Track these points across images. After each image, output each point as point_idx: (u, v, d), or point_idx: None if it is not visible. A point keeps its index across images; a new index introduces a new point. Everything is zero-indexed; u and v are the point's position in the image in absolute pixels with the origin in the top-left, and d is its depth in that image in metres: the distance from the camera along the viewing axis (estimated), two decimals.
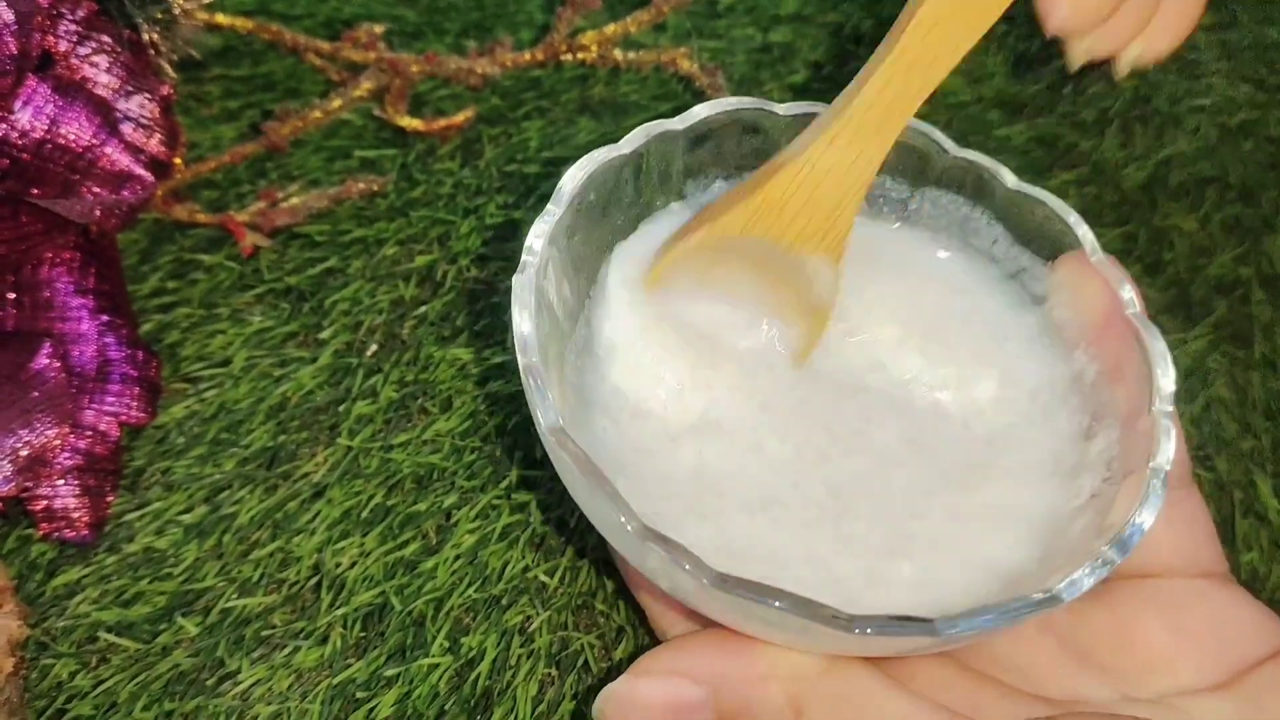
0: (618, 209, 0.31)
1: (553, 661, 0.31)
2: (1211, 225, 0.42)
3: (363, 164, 0.42)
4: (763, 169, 0.31)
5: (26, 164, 0.33)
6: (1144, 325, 0.29)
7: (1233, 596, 0.28)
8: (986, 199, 0.32)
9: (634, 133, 0.30)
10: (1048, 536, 0.28)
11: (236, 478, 0.34)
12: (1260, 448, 0.36)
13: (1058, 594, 0.24)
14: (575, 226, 0.30)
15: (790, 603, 0.23)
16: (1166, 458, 0.26)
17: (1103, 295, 0.30)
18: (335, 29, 0.46)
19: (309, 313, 0.38)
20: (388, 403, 0.36)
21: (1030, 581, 0.26)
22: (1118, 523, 0.26)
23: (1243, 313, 0.40)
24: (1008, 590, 0.27)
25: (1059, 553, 0.27)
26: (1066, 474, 0.29)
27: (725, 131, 0.32)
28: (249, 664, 0.31)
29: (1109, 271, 0.30)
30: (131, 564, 0.33)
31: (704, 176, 0.33)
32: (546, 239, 0.28)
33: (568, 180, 0.29)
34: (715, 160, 0.32)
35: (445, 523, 0.34)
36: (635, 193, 0.31)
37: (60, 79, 0.34)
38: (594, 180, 0.30)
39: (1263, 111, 0.46)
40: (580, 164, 0.30)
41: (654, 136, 0.31)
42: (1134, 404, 0.28)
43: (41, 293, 0.35)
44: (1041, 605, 0.24)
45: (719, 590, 0.23)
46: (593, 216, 0.30)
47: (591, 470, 0.24)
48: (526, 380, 0.26)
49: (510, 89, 0.45)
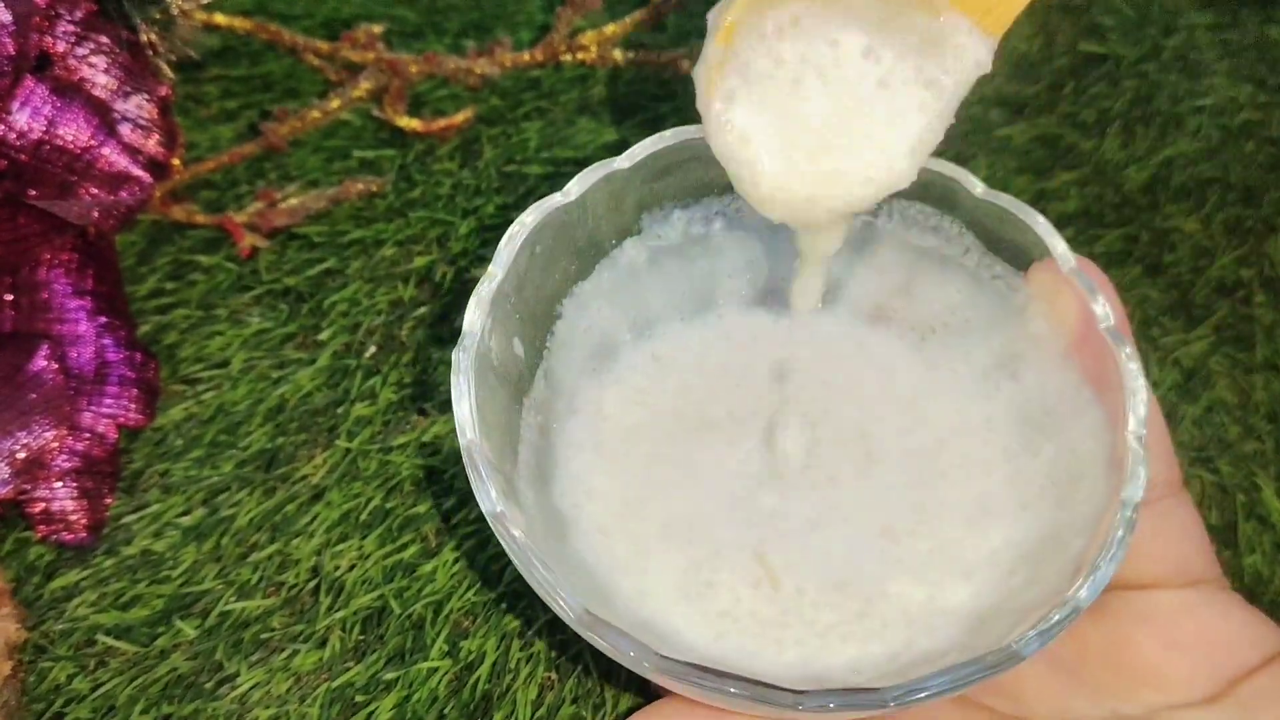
0: (569, 255, 0.30)
1: (552, 665, 0.31)
2: (1213, 226, 0.42)
3: (361, 164, 0.42)
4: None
5: (24, 165, 0.33)
6: (1116, 341, 0.27)
7: (1225, 605, 0.28)
8: (956, 209, 0.31)
9: (579, 177, 0.29)
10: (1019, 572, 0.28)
11: (235, 480, 0.34)
12: (1263, 450, 0.36)
13: (1017, 651, 0.24)
14: (525, 280, 0.29)
15: (736, 685, 0.23)
16: (1138, 489, 0.26)
17: (1076, 308, 0.29)
18: (334, 29, 0.46)
19: (307, 314, 0.38)
20: (386, 404, 0.36)
21: (999, 623, 0.26)
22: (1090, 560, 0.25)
23: (1244, 314, 0.40)
24: (974, 633, 0.26)
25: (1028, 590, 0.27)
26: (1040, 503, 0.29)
27: (676, 162, 0.31)
28: (247, 667, 0.31)
29: (1084, 280, 0.28)
30: (130, 567, 0.33)
31: (659, 209, 0.32)
32: (488, 307, 0.27)
33: (507, 239, 0.28)
34: (671, 192, 0.31)
35: (444, 525, 0.34)
36: (587, 236, 0.31)
37: (58, 80, 0.33)
38: (540, 232, 0.29)
39: (1264, 112, 0.46)
40: (522, 219, 0.29)
41: (600, 179, 0.30)
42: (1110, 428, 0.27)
43: (39, 294, 0.34)
44: (1000, 666, 0.23)
45: (664, 674, 0.23)
46: (543, 266, 0.30)
47: (531, 556, 0.24)
48: (467, 460, 0.26)
49: (509, 89, 0.45)
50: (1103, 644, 0.27)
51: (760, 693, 0.23)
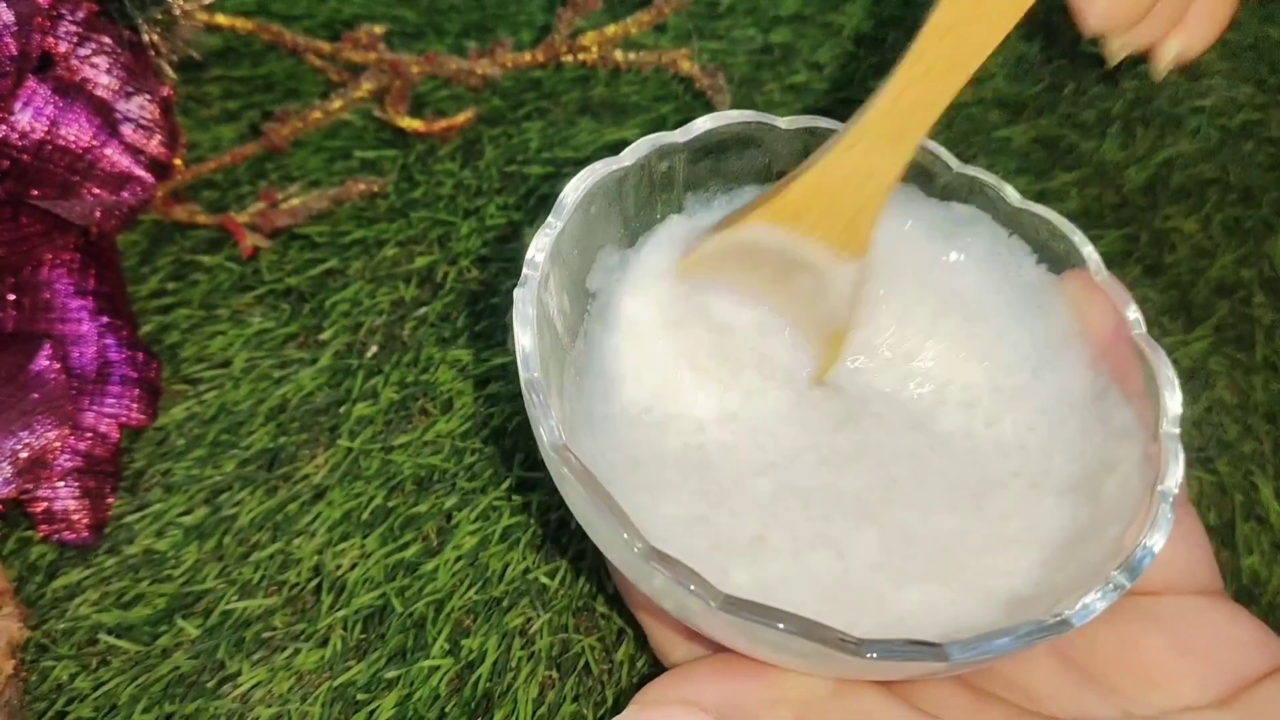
0: (617, 222, 0.31)
1: (553, 664, 0.31)
2: (1212, 227, 0.42)
3: (363, 165, 0.42)
4: (784, 178, 0.30)
5: (26, 165, 0.33)
6: (1150, 346, 0.28)
7: (1232, 613, 0.28)
8: (990, 215, 0.32)
9: (636, 144, 0.30)
10: (1056, 559, 0.28)
11: (237, 479, 0.34)
12: (1261, 451, 0.36)
13: (1068, 619, 0.24)
14: (575, 240, 0.29)
15: (799, 626, 0.23)
16: (1175, 480, 0.26)
17: (1108, 314, 0.30)
18: (335, 30, 0.46)
19: (309, 314, 0.38)
20: (388, 404, 0.36)
21: (1037, 605, 0.26)
22: (1128, 546, 0.26)
23: (1244, 315, 0.40)
24: (1013, 614, 0.27)
25: (1065, 576, 0.27)
26: (1076, 493, 0.29)
27: (727, 145, 0.31)
28: (249, 666, 0.31)
29: (1114, 291, 0.30)
30: (131, 566, 0.33)
31: (704, 190, 0.32)
32: (549, 252, 0.28)
33: (569, 192, 0.29)
34: (715, 173, 0.32)
35: (446, 524, 0.34)
36: (635, 206, 0.31)
37: (60, 80, 0.34)
38: (595, 192, 0.29)
39: (1264, 113, 0.46)
40: (581, 175, 0.29)
41: (656, 149, 0.30)
42: (1142, 425, 0.28)
43: (41, 294, 0.34)
44: (1052, 630, 0.24)
45: (726, 614, 0.23)
46: (592, 230, 0.30)
47: (596, 488, 0.24)
48: (528, 395, 0.26)
49: (511, 90, 0.45)
50: (1115, 646, 0.28)
51: (822, 634, 0.22)
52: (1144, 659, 0.27)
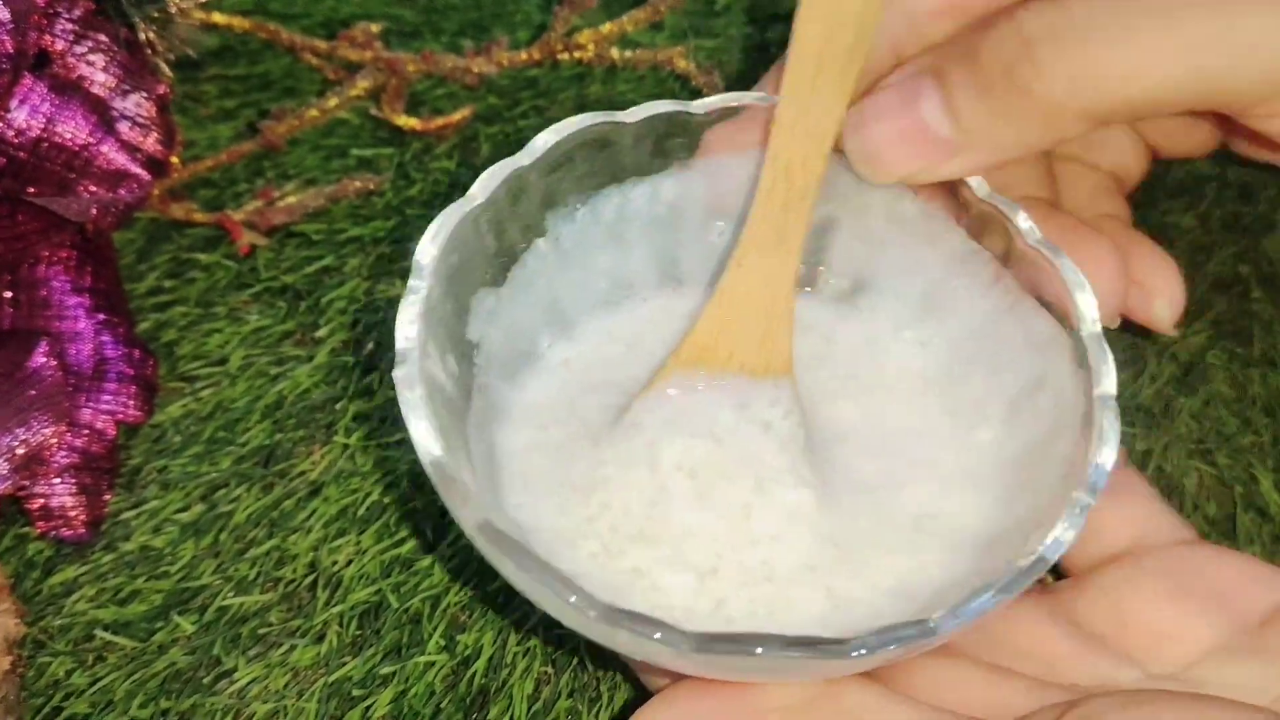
0: (482, 264, 0.29)
1: (549, 659, 0.31)
2: (1211, 223, 0.42)
3: (359, 163, 0.42)
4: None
5: (23, 162, 0.33)
6: (1051, 251, 0.27)
7: (1215, 553, 0.28)
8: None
9: (482, 178, 0.28)
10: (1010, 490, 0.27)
11: (233, 476, 0.34)
12: (1261, 443, 0.36)
13: (1043, 555, 0.23)
14: (444, 297, 0.27)
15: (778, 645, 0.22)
16: (1111, 382, 0.25)
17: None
18: (332, 28, 0.46)
19: (306, 311, 0.38)
20: (384, 401, 0.36)
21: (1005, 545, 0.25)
22: (1081, 460, 0.25)
23: (1242, 310, 0.40)
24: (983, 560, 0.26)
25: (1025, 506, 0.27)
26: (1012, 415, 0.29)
27: (575, 154, 0.30)
28: (245, 662, 0.31)
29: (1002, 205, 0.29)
30: (128, 562, 0.33)
31: (564, 205, 0.31)
32: (420, 322, 0.26)
33: (423, 252, 0.27)
34: (574, 185, 0.30)
35: (442, 520, 0.34)
36: (496, 241, 0.29)
37: (57, 77, 0.34)
38: (451, 243, 0.27)
39: None
40: (432, 229, 0.27)
41: (504, 179, 0.28)
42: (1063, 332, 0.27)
43: (38, 291, 0.35)
44: (1031, 570, 0.23)
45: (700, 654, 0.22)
46: (459, 280, 0.28)
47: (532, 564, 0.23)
48: (436, 478, 0.24)
49: (507, 88, 0.45)
50: (1112, 611, 0.27)
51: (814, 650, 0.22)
52: (1147, 615, 0.27)
